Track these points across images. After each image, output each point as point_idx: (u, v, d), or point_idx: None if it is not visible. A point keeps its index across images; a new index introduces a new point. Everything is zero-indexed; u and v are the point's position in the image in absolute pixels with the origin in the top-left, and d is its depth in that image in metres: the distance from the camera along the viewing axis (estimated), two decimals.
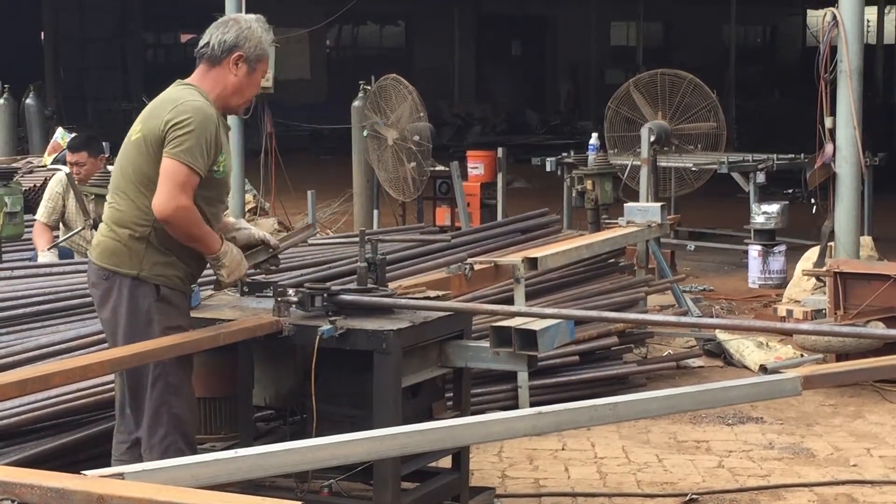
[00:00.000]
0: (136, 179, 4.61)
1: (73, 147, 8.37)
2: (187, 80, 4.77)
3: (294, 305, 4.81)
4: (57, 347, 5.86)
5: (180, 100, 4.62)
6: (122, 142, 4.80)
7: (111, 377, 5.04)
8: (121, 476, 3.09)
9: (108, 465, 4.58)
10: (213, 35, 4.75)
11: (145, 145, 4.61)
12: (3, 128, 15.98)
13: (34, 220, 8.13)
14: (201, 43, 4.76)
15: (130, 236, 4.59)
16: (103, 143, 8.71)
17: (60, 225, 8.09)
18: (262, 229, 5.20)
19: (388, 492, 4.71)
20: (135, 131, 4.69)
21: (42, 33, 28.76)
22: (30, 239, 8.13)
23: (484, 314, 5.43)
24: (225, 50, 4.71)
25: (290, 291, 4.85)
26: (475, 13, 33.46)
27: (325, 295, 4.83)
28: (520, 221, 8.76)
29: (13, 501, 2.77)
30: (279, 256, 4.99)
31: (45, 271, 6.93)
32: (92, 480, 2.89)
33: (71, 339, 5.94)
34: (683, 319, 5.97)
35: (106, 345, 4.82)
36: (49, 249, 7.76)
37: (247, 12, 13.39)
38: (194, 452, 4.54)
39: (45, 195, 8.15)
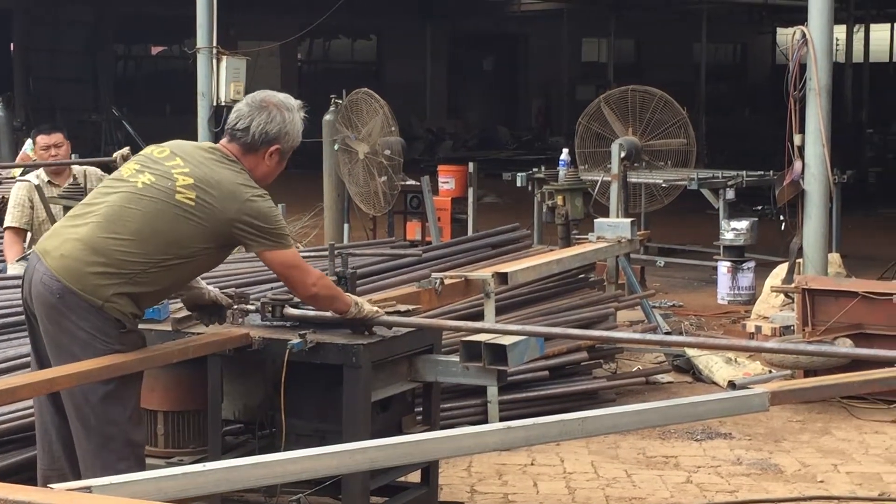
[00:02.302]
0: (160, 238, 4.46)
1: (47, 130, 8.27)
2: (230, 154, 4.65)
3: (250, 314, 4.83)
4: (24, 360, 5.82)
5: (245, 192, 4.53)
6: (116, 172, 4.74)
7: None
8: (88, 489, 3.07)
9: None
10: (255, 121, 4.63)
11: (198, 217, 4.48)
12: None
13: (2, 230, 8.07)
14: (240, 124, 4.64)
15: (106, 276, 4.42)
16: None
17: (28, 235, 8.01)
18: None
19: None
20: (181, 192, 4.50)
21: (11, 45, 28.64)
22: (1, 250, 8.07)
23: (447, 329, 5.43)
24: (265, 142, 4.64)
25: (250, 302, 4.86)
26: (448, 29, 33.53)
27: (273, 306, 4.85)
28: (490, 236, 8.77)
29: None
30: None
31: (14, 283, 6.89)
32: (59, 494, 2.87)
33: None
34: (648, 336, 5.99)
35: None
36: (18, 261, 7.70)
37: (218, 25, 13.51)
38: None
39: (11, 202, 8.05)
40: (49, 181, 8.06)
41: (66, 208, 8.21)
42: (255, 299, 5.02)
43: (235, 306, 4.85)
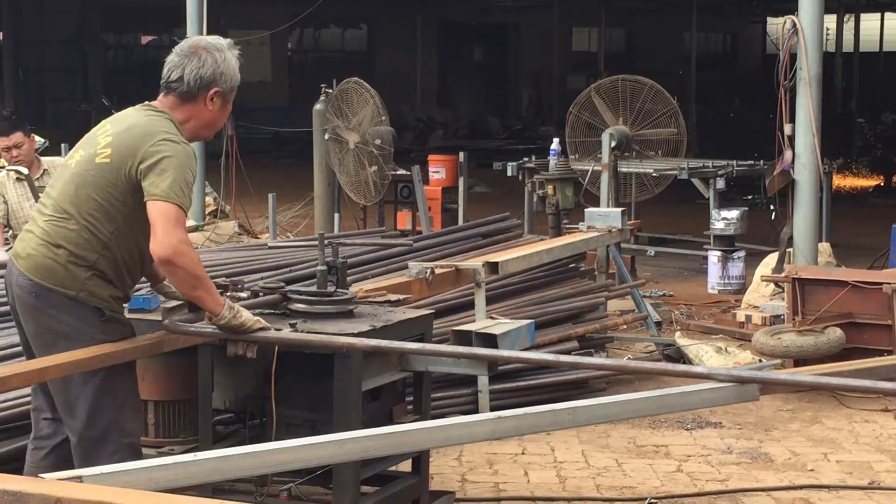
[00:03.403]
0: (93, 204, 4.39)
1: (5, 131, 8.12)
2: (158, 107, 4.55)
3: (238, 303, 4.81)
4: (15, 350, 5.80)
5: (158, 133, 4.39)
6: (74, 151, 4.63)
7: None
8: (79, 479, 3.07)
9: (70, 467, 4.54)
10: (187, 69, 4.50)
11: (114, 174, 4.38)
12: None
13: None
14: (172, 76, 4.51)
15: (72, 261, 4.38)
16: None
17: (10, 231, 8.01)
18: (224, 232, 5.17)
19: (347, 496, 4.70)
20: (100, 153, 4.43)
21: (1, 34, 28.57)
22: None
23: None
24: (202, 87, 4.51)
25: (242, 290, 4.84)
26: (438, 18, 33.51)
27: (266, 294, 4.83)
28: (481, 226, 8.77)
29: None
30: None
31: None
32: (50, 483, 2.87)
33: None
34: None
35: None
36: (5, 249, 7.69)
37: (208, 16, 13.48)
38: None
39: None
40: (17, 178, 8.05)
41: None
42: (248, 288, 5.01)
43: (227, 297, 4.83)
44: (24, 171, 8.07)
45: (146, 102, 4.62)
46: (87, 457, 4.38)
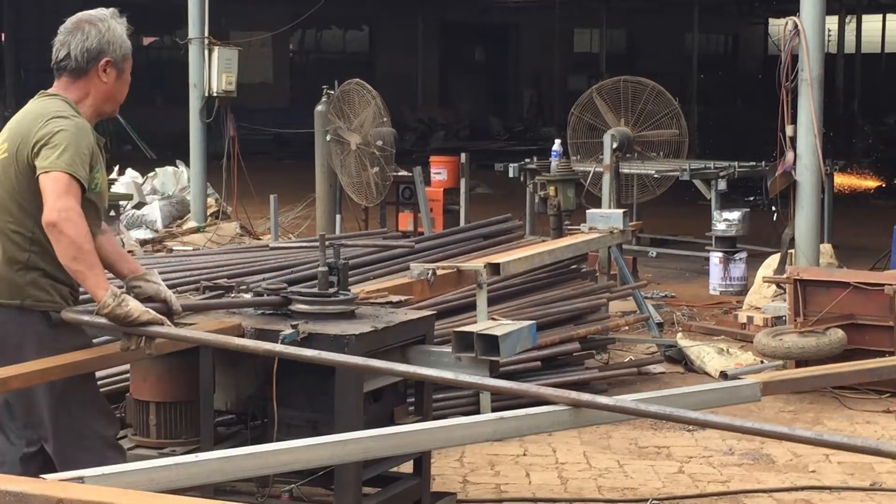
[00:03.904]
0: (7, 203, 4.30)
1: None
2: (51, 91, 4.47)
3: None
4: None
5: (48, 114, 4.30)
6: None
7: None
8: (81, 480, 3.07)
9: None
10: (72, 45, 4.42)
11: (16, 165, 4.30)
12: None
13: None
14: (60, 55, 4.42)
15: (6, 268, 4.29)
16: None
17: None
18: (225, 233, 5.17)
19: (349, 496, 4.71)
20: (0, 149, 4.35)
21: (2, 35, 28.59)
22: None
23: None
24: (91, 59, 4.41)
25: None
26: (439, 19, 33.51)
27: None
28: (482, 227, 8.77)
29: None
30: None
31: None
32: (51, 484, 2.87)
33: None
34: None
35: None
36: None
37: (209, 16, 13.49)
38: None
39: None
40: None
41: None
42: (251, 289, 5.02)
43: (231, 297, 4.80)
44: None
45: (41, 91, 4.52)
46: (67, 462, 4.29)
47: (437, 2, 31.91)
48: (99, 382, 5.77)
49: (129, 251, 10.85)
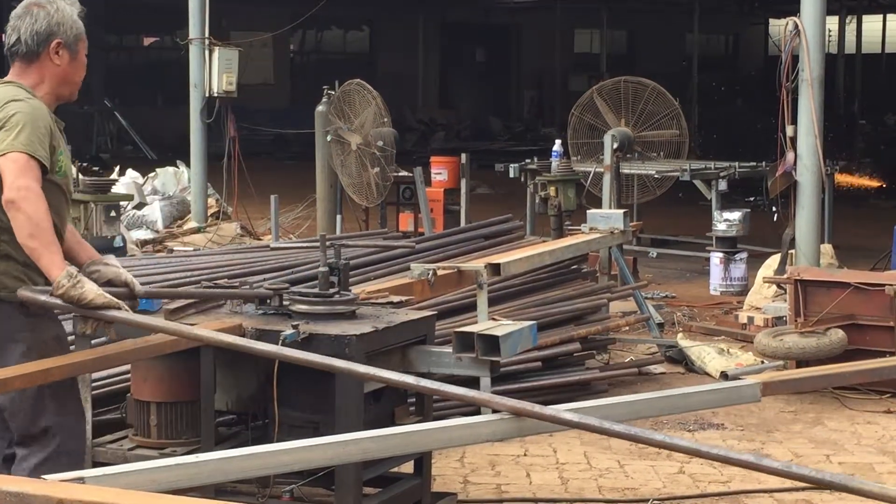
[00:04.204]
0: None
1: None
2: (6, 79, 4.44)
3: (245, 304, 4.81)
4: None
5: (2, 100, 4.28)
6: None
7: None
8: (81, 480, 3.07)
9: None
10: (22, 29, 4.40)
11: None
12: None
13: None
14: (11, 39, 4.40)
15: None
16: None
17: None
18: (226, 234, 5.16)
19: (349, 497, 4.71)
20: None
21: (2, 35, 28.57)
22: None
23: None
24: (41, 41, 4.38)
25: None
26: (439, 20, 33.51)
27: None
28: (483, 227, 8.77)
29: None
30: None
31: None
32: (52, 485, 2.87)
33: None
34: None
35: (73, 347, 4.67)
36: None
37: (210, 16, 13.50)
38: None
39: None
40: None
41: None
42: (254, 289, 5.02)
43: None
44: None
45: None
46: (28, 454, 4.29)
47: (438, 2, 31.91)
48: (99, 383, 5.80)
49: (131, 254, 10.87)
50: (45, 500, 2.72)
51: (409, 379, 4.16)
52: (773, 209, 10.36)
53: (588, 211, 8.70)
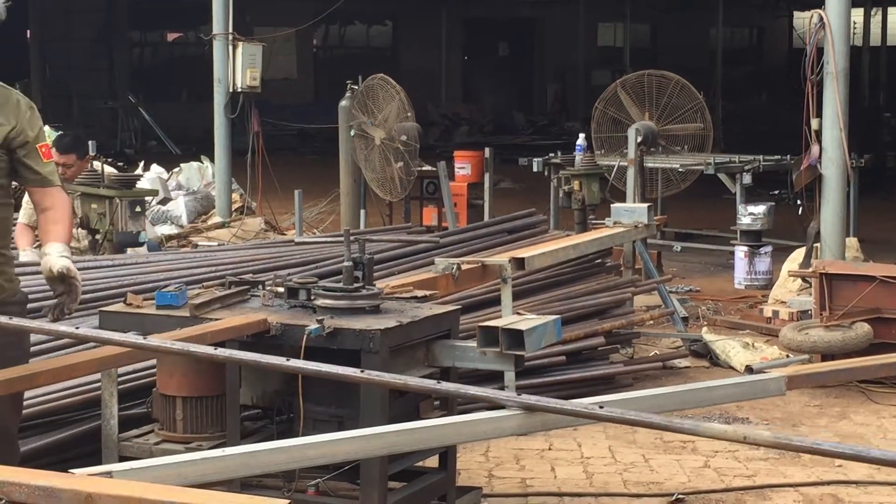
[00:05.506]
0: None
1: (62, 148, 8.34)
2: None
3: (276, 297, 4.83)
4: (43, 346, 5.84)
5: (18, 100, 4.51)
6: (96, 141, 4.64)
7: (97, 376, 5.02)
8: (109, 475, 3.09)
9: (98, 462, 4.55)
10: None
11: None
12: None
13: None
14: None
15: None
16: (89, 143, 8.70)
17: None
18: (250, 229, 5.18)
19: (374, 491, 4.71)
20: None
21: (28, 32, 28.71)
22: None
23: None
24: None
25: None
26: (462, 14, 33.49)
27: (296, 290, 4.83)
28: (507, 222, 8.77)
29: (1, 500, 2.77)
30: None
31: (28, 270, 6.90)
32: (80, 479, 2.89)
33: (57, 337, 5.90)
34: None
35: (93, 344, 4.70)
36: (32, 248, 7.74)
37: (234, 12, 13.53)
38: None
39: (25, 198, 8.12)
40: None
41: (84, 195, 8.28)
42: (284, 282, 5.04)
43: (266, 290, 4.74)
44: None
45: None
46: None
47: None
48: (125, 377, 5.83)
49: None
50: (74, 494, 2.73)
51: (429, 383, 4.17)
52: (798, 203, 10.32)
53: (612, 205, 8.68)
